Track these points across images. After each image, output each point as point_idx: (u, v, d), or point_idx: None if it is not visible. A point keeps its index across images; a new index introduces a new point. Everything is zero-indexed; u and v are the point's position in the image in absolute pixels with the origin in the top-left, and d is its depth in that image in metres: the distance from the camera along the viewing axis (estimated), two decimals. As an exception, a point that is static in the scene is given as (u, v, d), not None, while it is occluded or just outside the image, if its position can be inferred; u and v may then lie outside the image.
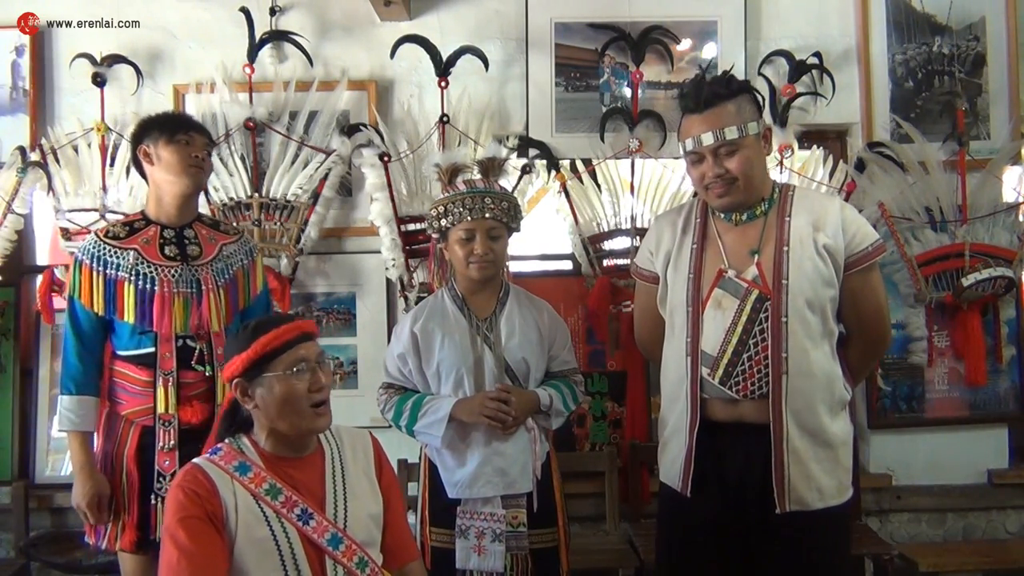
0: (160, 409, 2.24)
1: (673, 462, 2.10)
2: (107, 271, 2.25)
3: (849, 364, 2.10)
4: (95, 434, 2.33)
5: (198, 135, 2.33)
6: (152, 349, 2.26)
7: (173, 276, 2.27)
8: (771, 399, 1.96)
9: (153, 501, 2.24)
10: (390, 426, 2.29)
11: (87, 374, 2.27)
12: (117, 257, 2.26)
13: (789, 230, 2.01)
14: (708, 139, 1.96)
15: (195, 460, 1.70)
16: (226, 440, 1.74)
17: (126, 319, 2.25)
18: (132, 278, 2.24)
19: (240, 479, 1.65)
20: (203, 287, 2.29)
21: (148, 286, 2.24)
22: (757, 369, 1.97)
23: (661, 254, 2.15)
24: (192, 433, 2.24)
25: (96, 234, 2.31)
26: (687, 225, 2.13)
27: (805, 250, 1.98)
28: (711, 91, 1.97)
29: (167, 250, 2.30)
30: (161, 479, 2.24)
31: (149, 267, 2.26)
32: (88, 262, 2.26)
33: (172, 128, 2.29)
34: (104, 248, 2.27)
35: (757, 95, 2.10)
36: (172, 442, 2.24)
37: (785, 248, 1.99)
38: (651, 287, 2.20)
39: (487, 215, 2.20)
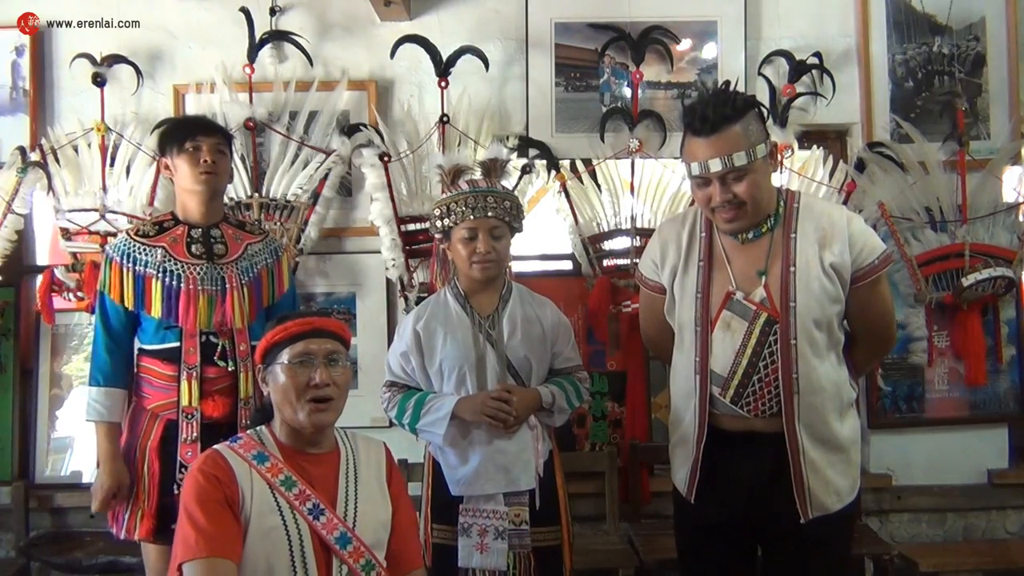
0: (184, 402, 2.31)
1: (680, 468, 2.12)
2: (136, 267, 2.32)
3: (854, 362, 2.10)
4: (121, 426, 2.38)
5: (206, 138, 2.35)
6: (176, 344, 2.32)
7: (199, 274, 2.33)
8: (784, 417, 1.96)
9: (176, 492, 2.27)
10: (390, 425, 2.29)
11: (115, 367, 2.35)
12: (146, 254, 2.33)
13: (795, 249, 1.98)
14: (716, 166, 1.90)
15: (215, 447, 1.74)
16: (248, 431, 1.79)
17: (153, 314, 2.31)
18: (159, 274, 2.31)
19: (258, 468, 1.69)
20: (227, 285, 2.35)
21: (174, 283, 2.31)
22: (768, 390, 1.97)
23: (667, 268, 2.12)
24: (214, 427, 2.30)
25: (127, 232, 2.40)
26: (692, 239, 2.09)
27: (812, 270, 1.96)
28: (718, 114, 1.89)
29: (193, 248, 2.36)
30: (184, 470, 2.29)
31: (176, 264, 2.33)
32: (118, 259, 2.33)
33: (181, 137, 2.34)
34: (133, 246, 2.34)
35: (762, 108, 2.06)
36: (195, 434, 2.30)
37: (792, 269, 1.97)
38: (657, 296, 2.18)
39: (490, 214, 2.20)
